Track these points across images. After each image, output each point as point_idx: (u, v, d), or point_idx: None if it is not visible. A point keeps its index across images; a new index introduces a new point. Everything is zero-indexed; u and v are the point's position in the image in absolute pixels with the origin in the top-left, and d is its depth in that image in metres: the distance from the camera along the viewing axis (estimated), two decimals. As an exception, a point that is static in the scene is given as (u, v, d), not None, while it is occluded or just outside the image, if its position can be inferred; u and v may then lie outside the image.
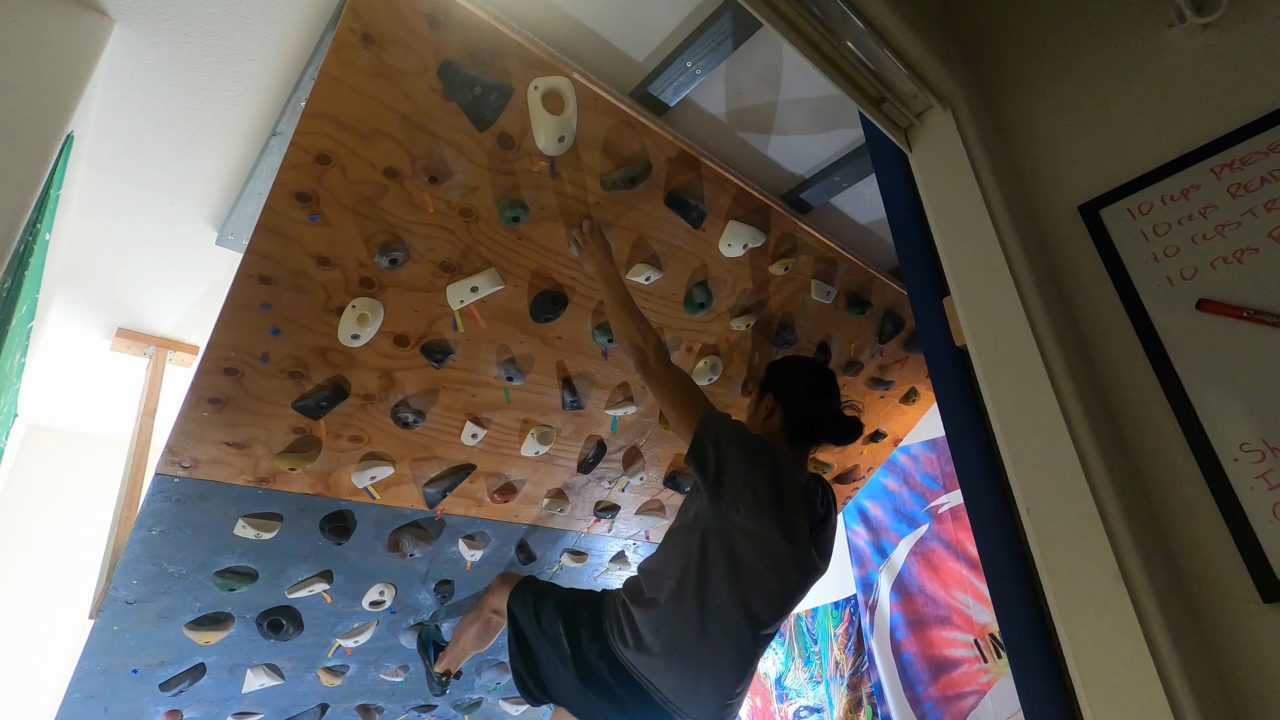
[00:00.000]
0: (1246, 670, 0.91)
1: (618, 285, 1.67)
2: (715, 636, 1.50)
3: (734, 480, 1.47)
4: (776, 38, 1.13)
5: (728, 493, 1.48)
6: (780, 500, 1.49)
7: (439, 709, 2.63)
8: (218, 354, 1.56)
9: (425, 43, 1.37)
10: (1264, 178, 1.08)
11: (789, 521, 1.50)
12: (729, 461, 1.48)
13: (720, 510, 1.49)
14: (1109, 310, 1.15)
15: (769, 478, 1.48)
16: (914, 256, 1.35)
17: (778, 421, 1.69)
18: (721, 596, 1.49)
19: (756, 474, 1.47)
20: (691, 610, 1.50)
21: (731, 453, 1.49)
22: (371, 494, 1.95)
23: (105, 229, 1.86)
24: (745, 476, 1.47)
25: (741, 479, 1.47)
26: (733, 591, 1.49)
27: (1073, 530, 0.96)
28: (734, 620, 1.50)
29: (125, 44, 1.39)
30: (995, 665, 2.72)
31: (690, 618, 1.50)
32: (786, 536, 1.49)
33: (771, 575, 1.51)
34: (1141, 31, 1.27)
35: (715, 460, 1.49)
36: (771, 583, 1.52)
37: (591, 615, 1.68)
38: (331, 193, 1.46)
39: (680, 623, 1.51)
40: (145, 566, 1.77)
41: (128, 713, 2.02)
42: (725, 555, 1.49)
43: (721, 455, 1.49)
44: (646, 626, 1.55)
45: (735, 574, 1.49)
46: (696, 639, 1.50)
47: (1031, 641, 1.02)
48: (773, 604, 1.55)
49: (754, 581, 1.50)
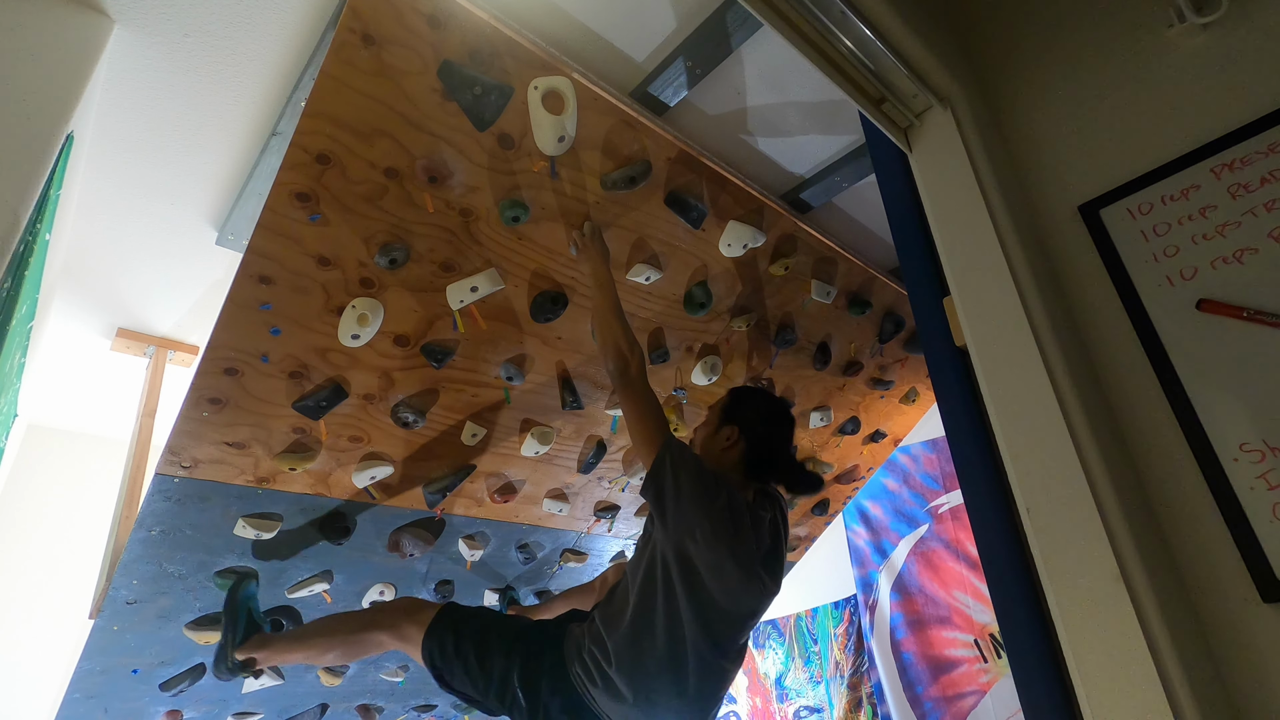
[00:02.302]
0: (1246, 670, 0.91)
1: (610, 290, 1.66)
2: (681, 665, 1.47)
3: (691, 508, 1.45)
4: (776, 38, 1.13)
5: (685, 521, 1.45)
6: (735, 530, 1.48)
7: (439, 709, 2.63)
8: (218, 354, 1.56)
9: (425, 43, 1.37)
10: (1264, 178, 1.08)
11: (741, 550, 1.48)
12: (685, 489, 1.46)
13: (677, 538, 1.47)
14: (1109, 310, 1.14)
15: (722, 508, 1.47)
16: (914, 256, 1.35)
17: (737, 454, 1.65)
18: (684, 626, 1.46)
19: (711, 504, 1.46)
20: (658, 642, 1.46)
21: (689, 482, 1.47)
22: (371, 494, 1.95)
23: (105, 229, 1.86)
24: (702, 505, 1.46)
25: (699, 508, 1.45)
26: (695, 620, 1.46)
27: (1073, 530, 0.95)
28: (700, 649, 1.47)
29: (125, 44, 1.39)
30: (995, 665, 2.72)
31: (656, 650, 1.46)
32: (740, 564, 1.48)
33: (728, 601, 1.49)
34: (1141, 31, 1.27)
35: (673, 487, 1.47)
36: (728, 608, 1.50)
37: (551, 659, 1.53)
38: (331, 193, 1.46)
39: (645, 656, 1.46)
40: (145, 566, 1.77)
41: (128, 713, 2.02)
42: (685, 584, 1.46)
43: (679, 483, 1.46)
44: (613, 664, 1.47)
45: (695, 602, 1.46)
46: (662, 672, 1.46)
47: (1031, 641, 1.02)
48: (734, 628, 1.53)
49: (714, 609, 1.48)
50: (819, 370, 2.54)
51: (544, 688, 1.48)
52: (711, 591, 1.46)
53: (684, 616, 1.46)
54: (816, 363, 2.51)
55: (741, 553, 1.48)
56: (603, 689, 1.46)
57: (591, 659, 1.49)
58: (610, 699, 1.46)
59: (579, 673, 1.49)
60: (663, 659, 1.45)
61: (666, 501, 1.47)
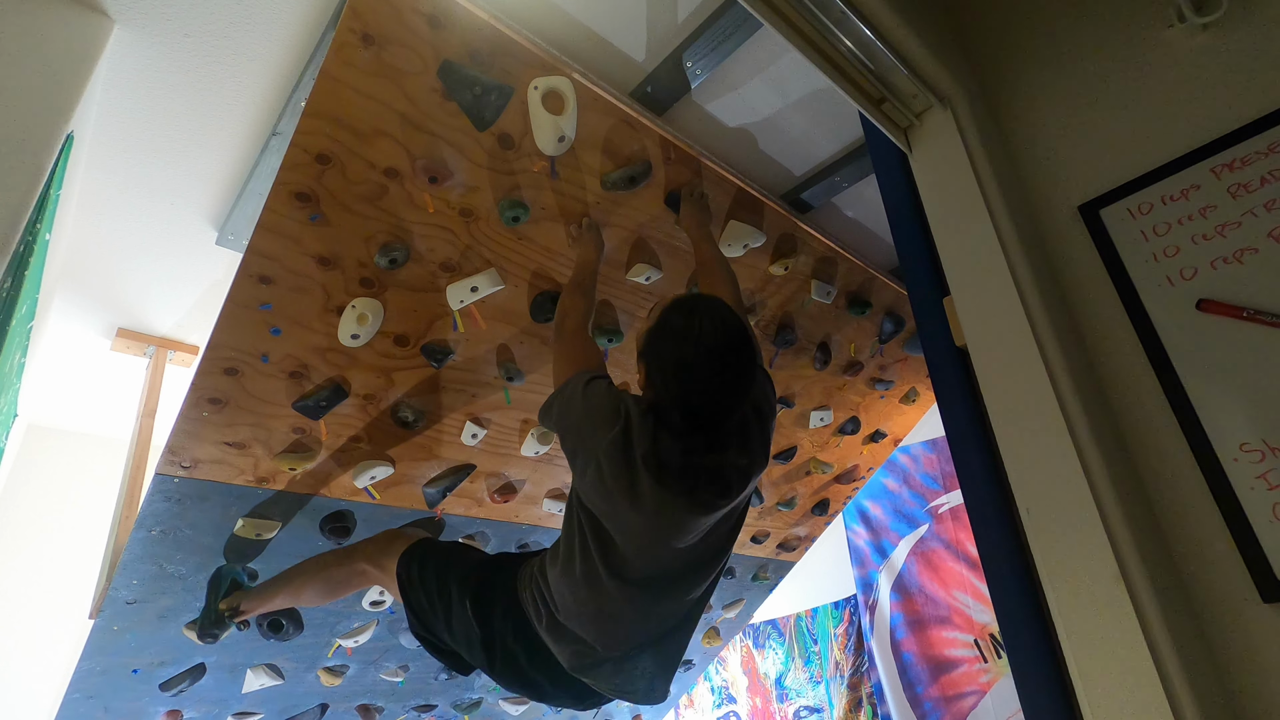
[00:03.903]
0: (1246, 670, 0.91)
1: (584, 272, 1.60)
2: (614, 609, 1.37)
3: (579, 450, 1.33)
4: (776, 38, 1.13)
5: (576, 463, 1.35)
6: (628, 467, 1.27)
7: (439, 709, 2.63)
8: (218, 354, 1.56)
9: (425, 43, 1.37)
10: (1264, 178, 1.08)
11: (638, 489, 1.27)
12: (570, 431, 1.35)
13: (575, 480, 1.37)
14: (1109, 310, 1.15)
15: (614, 442, 1.28)
16: (914, 256, 1.35)
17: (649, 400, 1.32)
18: (603, 573, 1.34)
19: (600, 439, 1.29)
20: (581, 587, 1.36)
21: (572, 422, 1.34)
22: (371, 494, 1.95)
23: (105, 229, 1.86)
24: (589, 444, 1.31)
25: (586, 448, 1.31)
26: (607, 564, 1.33)
27: (1073, 530, 0.96)
28: (630, 592, 1.34)
29: (125, 44, 1.39)
30: (995, 665, 2.72)
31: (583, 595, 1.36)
32: (636, 506, 1.28)
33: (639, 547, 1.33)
34: (1142, 31, 1.27)
35: (558, 427, 1.38)
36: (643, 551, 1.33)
37: (504, 586, 1.48)
38: (331, 193, 1.46)
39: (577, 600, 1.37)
40: (145, 566, 1.77)
41: (128, 713, 2.02)
42: (593, 528, 1.34)
43: (564, 423, 1.36)
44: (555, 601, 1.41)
45: (603, 547, 1.33)
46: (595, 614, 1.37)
47: (1031, 641, 1.02)
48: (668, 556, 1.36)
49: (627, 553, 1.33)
50: (819, 370, 2.54)
51: (496, 614, 1.47)
52: (616, 534, 1.33)
53: (598, 561, 1.34)
54: (816, 363, 2.51)
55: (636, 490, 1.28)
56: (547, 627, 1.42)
57: (537, 589, 1.45)
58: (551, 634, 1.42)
59: (527, 598, 1.46)
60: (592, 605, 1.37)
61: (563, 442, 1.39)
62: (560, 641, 1.42)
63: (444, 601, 1.53)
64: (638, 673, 1.46)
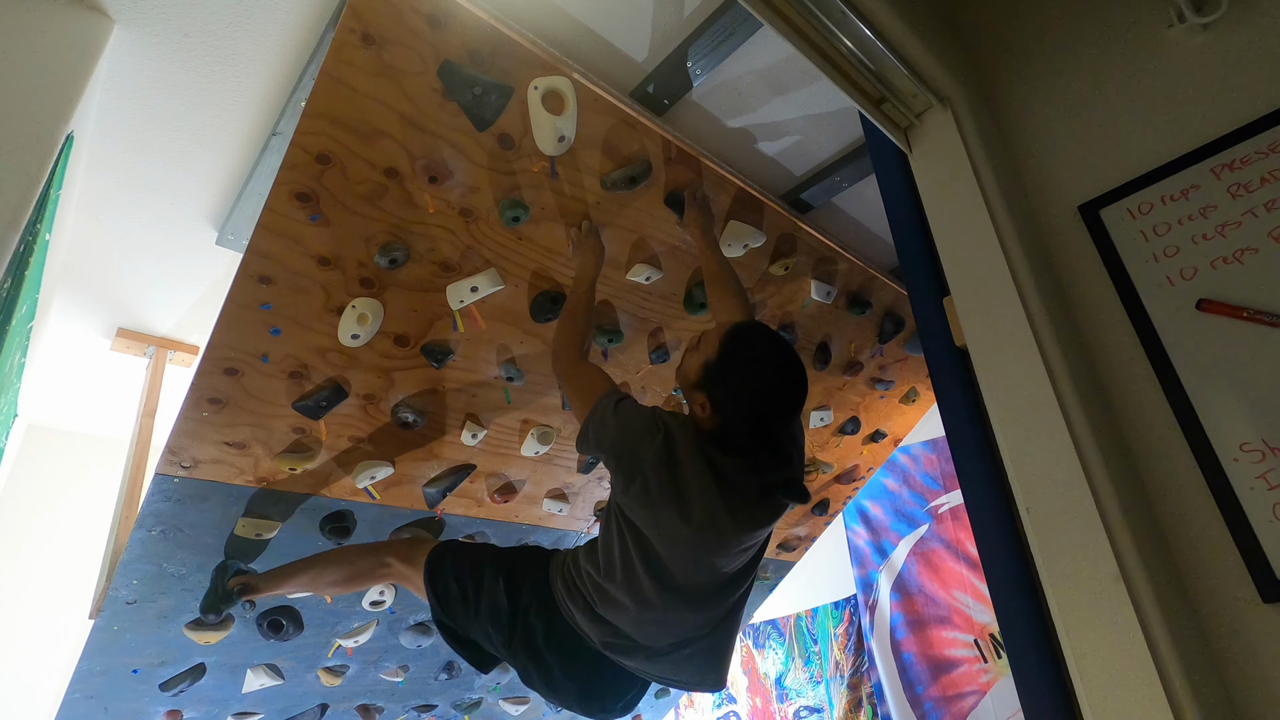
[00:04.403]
0: (1246, 670, 0.91)
1: (584, 292, 1.63)
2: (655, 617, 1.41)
3: (621, 467, 1.37)
4: (776, 38, 1.13)
5: (618, 479, 1.38)
6: (675, 481, 1.32)
7: (439, 709, 2.63)
8: (218, 354, 1.56)
9: (425, 43, 1.37)
10: (1264, 178, 1.08)
11: (688, 503, 1.33)
12: (610, 452, 1.39)
13: (618, 494, 1.40)
14: (1109, 310, 1.15)
15: (658, 457, 1.33)
16: (914, 256, 1.35)
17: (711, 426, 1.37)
18: (645, 581, 1.38)
19: (643, 456, 1.34)
20: (623, 592, 1.40)
21: (611, 442, 1.38)
22: (371, 494, 1.95)
23: (105, 229, 1.86)
24: (630, 461, 1.35)
25: (628, 466, 1.35)
26: (650, 573, 1.37)
27: (1073, 530, 0.96)
28: (670, 600, 1.39)
29: (125, 44, 1.39)
30: (995, 665, 2.72)
31: (623, 599, 1.40)
32: (685, 518, 1.32)
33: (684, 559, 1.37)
34: (1141, 31, 1.27)
35: (598, 450, 1.41)
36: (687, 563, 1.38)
37: (536, 571, 1.55)
38: (331, 193, 1.46)
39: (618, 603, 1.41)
40: (145, 566, 1.77)
41: (128, 713, 2.02)
42: (635, 539, 1.38)
43: (604, 445, 1.40)
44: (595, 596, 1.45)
45: (645, 556, 1.37)
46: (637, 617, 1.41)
47: (1031, 641, 1.02)
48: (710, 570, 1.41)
49: (672, 564, 1.37)
50: (819, 370, 2.54)
51: (526, 588, 1.53)
52: (661, 547, 1.36)
53: (636, 564, 1.38)
54: (816, 363, 2.51)
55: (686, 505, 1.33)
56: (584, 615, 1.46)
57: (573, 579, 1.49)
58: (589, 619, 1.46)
59: (559, 585, 1.51)
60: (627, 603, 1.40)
61: (604, 460, 1.44)
62: (597, 625, 1.46)
63: (475, 580, 1.58)
64: (685, 662, 1.50)
